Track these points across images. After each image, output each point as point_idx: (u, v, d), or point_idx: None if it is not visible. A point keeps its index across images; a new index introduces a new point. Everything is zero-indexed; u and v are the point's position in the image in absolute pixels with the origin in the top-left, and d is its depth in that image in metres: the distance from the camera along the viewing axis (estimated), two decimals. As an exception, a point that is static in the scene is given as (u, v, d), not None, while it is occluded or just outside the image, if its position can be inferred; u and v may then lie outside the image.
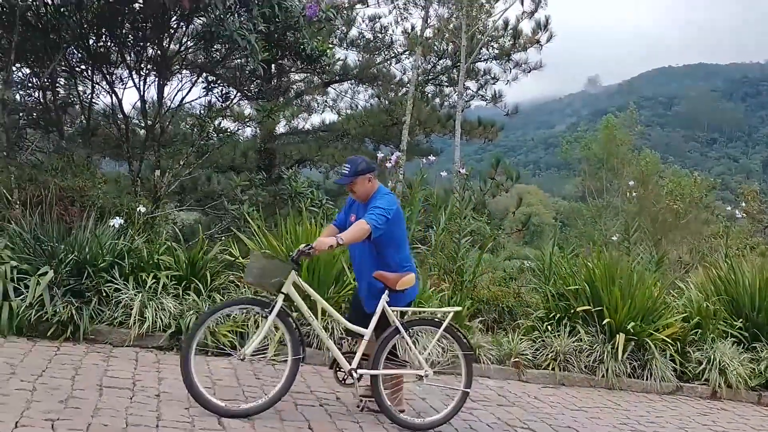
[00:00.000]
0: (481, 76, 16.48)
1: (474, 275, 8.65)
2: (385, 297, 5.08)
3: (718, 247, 14.73)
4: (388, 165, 8.77)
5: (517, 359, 7.57)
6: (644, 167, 19.46)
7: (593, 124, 25.51)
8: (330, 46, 14.63)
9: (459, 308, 6.16)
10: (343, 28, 15.71)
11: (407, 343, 5.15)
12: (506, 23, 15.77)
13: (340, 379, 5.25)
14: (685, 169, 31.85)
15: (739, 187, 27.27)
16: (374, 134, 15.52)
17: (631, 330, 7.91)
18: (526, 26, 15.89)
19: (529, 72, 16.01)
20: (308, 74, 16.17)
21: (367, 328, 5.11)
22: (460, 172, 10.16)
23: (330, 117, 16.96)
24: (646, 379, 7.90)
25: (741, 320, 8.85)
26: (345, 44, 16.08)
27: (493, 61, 16.13)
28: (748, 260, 11.55)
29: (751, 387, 8.25)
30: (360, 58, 16.02)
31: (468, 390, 5.33)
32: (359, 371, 5.05)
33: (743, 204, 19.30)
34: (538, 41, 15.35)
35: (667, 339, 8.13)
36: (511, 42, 15.75)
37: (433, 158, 9.67)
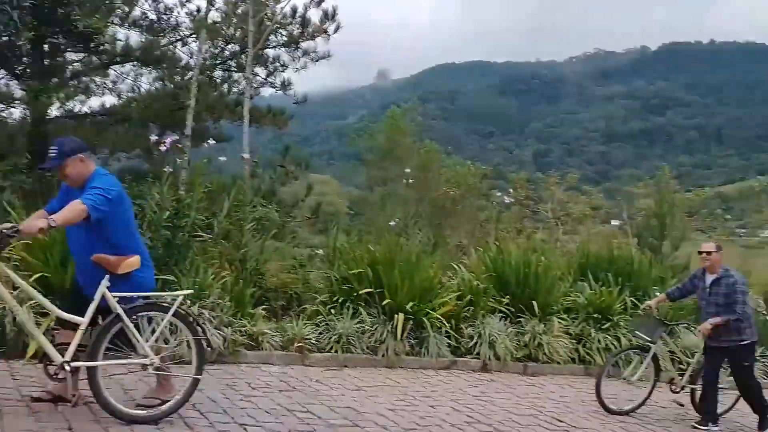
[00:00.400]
0: (270, 63, 16.27)
1: (258, 263, 8.56)
2: (105, 282, 4.68)
3: (490, 231, 16.00)
4: (163, 149, 8.39)
5: (300, 344, 7.62)
6: (425, 157, 20.53)
7: (383, 116, 26.45)
8: (107, 24, 13.67)
9: (189, 291, 5.77)
10: (125, 7, 14.72)
11: (130, 331, 4.75)
12: (294, 11, 15.71)
13: (51, 373, 4.73)
14: (467, 160, 34.01)
15: (511, 177, 29.80)
16: (158, 119, 14.73)
17: (410, 310, 8.29)
18: (315, 15, 15.93)
19: (317, 61, 16.06)
20: (86, 54, 14.97)
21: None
22: (243, 157, 9.97)
23: (111, 100, 15.80)
24: (424, 356, 8.34)
25: (508, 297, 9.63)
26: (127, 24, 15.09)
27: (282, 49, 16.03)
28: (516, 242, 12.67)
29: (517, 358, 9.00)
30: (143, 40, 15.12)
31: (199, 377, 5.08)
32: (73, 363, 4.60)
33: (511, 191, 21.19)
34: (325, 31, 15.44)
35: (442, 317, 8.64)
36: (299, 30, 15.73)
37: (213, 142, 9.36)
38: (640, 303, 10.17)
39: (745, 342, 7.14)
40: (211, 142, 9.06)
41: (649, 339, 7.51)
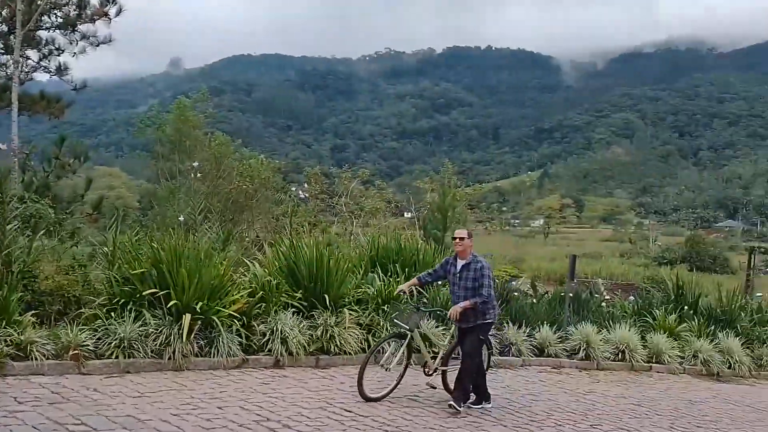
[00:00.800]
0: (44, 46, 14.96)
1: (26, 264, 7.77)
2: None
3: (285, 225, 15.96)
4: None
5: (76, 351, 7.04)
6: (216, 149, 20.00)
7: (174, 106, 25.36)
8: None
9: None
10: None
11: None
12: (71, -10, 14.55)
13: None
14: (265, 153, 33.68)
15: (305, 171, 30.01)
16: None
17: (198, 309, 7.99)
18: (94, -3, 14.85)
19: (98, 46, 15.00)
20: None
21: None
22: (7, 147, 9.01)
23: None
24: (214, 356, 8.07)
25: (300, 291, 9.64)
26: None
27: (57, 31, 14.76)
28: (311, 236, 12.74)
29: (310, 352, 9.02)
30: None
31: None
32: None
33: (306, 185, 21.32)
34: (106, 14, 14.49)
35: (234, 314, 8.43)
36: (76, 12, 14.59)
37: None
38: (426, 292, 10.74)
39: (488, 321, 7.71)
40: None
41: (407, 327, 7.71)
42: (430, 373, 7.95)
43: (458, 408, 7.42)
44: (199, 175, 15.23)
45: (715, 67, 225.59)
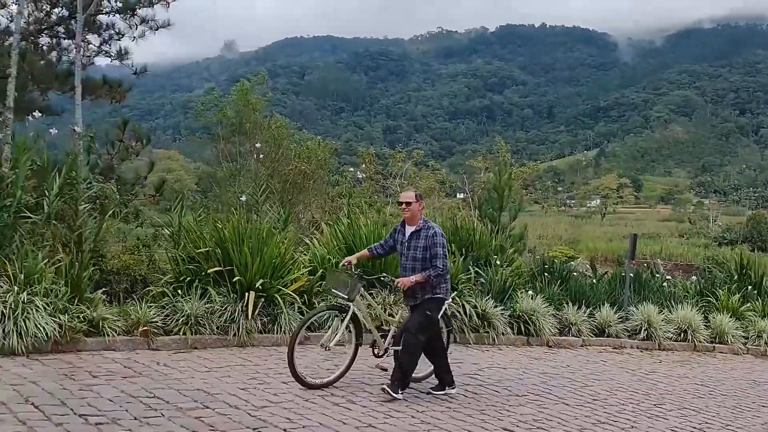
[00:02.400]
0: (104, 31, 15.26)
1: (96, 244, 8.03)
2: None
3: (342, 206, 16.04)
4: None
5: (145, 327, 7.26)
6: (275, 131, 20.22)
7: (229, 89, 25.70)
8: None
9: None
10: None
11: None
12: (129, -25, 14.77)
13: None
14: (318, 135, 33.94)
15: (359, 152, 30.14)
16: (-25, 89, 13.42)
17: (261, 287, 8.14)
18: (152, -21, 15.06)
19: (156, 30, 15.20)
20: None
21: None
22: (74, 131, 9.26)
23: None
24: (276, 333, 8.24)
25: (359, 270, 9.68)
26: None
27: (117, 15, 15.03)
28: (366, 216, 12.80)
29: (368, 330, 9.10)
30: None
31: None
32: None
33: (363, 166, 21.39)
34: (165, -2, 14.68)
35: (294, 293, 8.57)
36: (136, -5, 14.82)
37: (39, 115, 8.59)
38: (483, 272, 10.68)
39: (438, 296, 6.65)
40: (37, 114, 8.26)
41: (346, 297, 6.66)
42: (380, 353, 6.89)
43: (393, 394, 6.34)
44: (261, 156, 15.39)
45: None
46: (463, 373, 7.79)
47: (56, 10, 14.48)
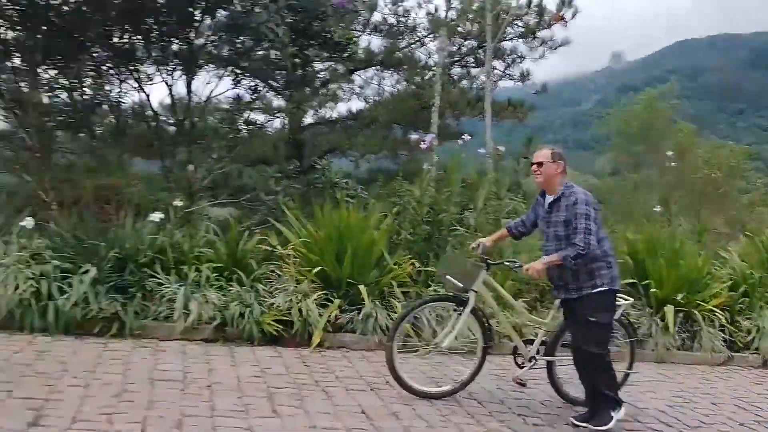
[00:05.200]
0: (508, 56, 16.24)
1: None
2: None
3: (758, 216, 14.44)
4: (423, 146, 8.69)
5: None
6: (682, 139, 19.11)
7: (619, 100, 25.09)
8: (354, 33, 14.52)
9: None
10: (365, 13, 15.57)
11: None
12: (530, 1, 15.52)
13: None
14: (720, 140, 31.40)
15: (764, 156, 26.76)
16: (403, 119, 15.38)
17: (680, 301, 7.75)
18: (551, 2, 15.57)
19: (555, 49, 15.72)
20: (332, 63, 16.05)
21: None
22: (497, 148, 10.04)
23: (356, 105, 16.79)
24: (695, 351, 7.76)
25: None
26: (368, 30, 15.95)
27: (519, 40, 15.90)
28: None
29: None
30: (384, 44, 15.89)
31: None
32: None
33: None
34: (562, 17, 15.05)
35: (714, 309, 7.98)
36: (536, 19, 15.49)
37: (468, 137, 9.49)
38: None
39: (600, 289, 4.86)
40: (466, 137, 9.17)
41: (461, 285, 5.22)
42: (522, 363, 5.42)
43: (598, 427, 4.85)
44: (673, 164, 14.76)
45: None
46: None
47: (467, 42, 15.90)
